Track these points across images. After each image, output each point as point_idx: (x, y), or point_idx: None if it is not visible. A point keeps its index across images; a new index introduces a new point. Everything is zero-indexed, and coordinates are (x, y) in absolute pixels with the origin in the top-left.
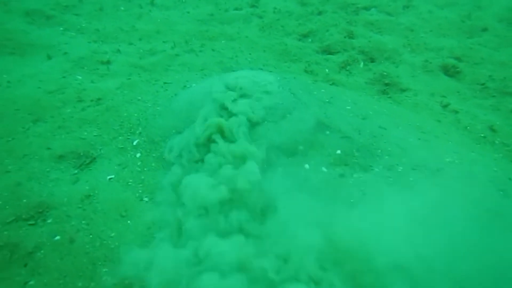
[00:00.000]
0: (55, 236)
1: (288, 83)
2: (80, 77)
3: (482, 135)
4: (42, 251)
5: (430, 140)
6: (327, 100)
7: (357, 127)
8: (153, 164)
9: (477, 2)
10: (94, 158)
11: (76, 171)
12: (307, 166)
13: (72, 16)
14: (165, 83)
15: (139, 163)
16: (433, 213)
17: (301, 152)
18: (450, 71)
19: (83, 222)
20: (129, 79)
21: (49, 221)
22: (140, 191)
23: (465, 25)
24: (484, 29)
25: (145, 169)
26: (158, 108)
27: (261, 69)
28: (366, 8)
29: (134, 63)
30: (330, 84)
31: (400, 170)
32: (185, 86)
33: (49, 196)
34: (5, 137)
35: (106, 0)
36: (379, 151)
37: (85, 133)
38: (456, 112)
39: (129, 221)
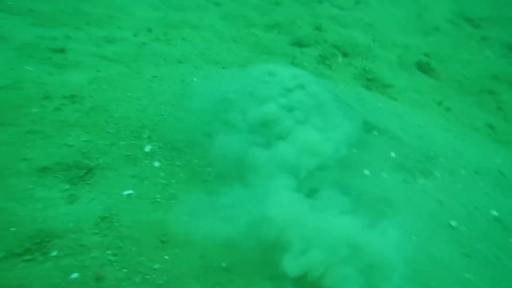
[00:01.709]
0: (71, 273)
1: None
2: (31, 69)
3: (487, 132)
4: None
5: (464, 140)
6: (357, 97)
7: (400, 126)
8: (181, 175)
9: (420, 2)
10: (91, 169)
11: (67, 187)
12: (366, 172)
13: None
14: (153, 76)
15: (161, 174)
16: None
17: (356, 156)
18: (424, 68)
19: (108, 252)
20: (99, 71)
21: (53, 254)
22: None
23: (419, 23)
24: (437, 28)
25: (172, 181)
26: (162, 106)
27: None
28: (319, 1)
29: (95, 52)
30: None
31: (463, 174)
32: (183, 81)
33: (45, 222)
34: None
35: None
36: (432, 152)
37: (70, 139)
38: (449, 109)
39: (175, 249)
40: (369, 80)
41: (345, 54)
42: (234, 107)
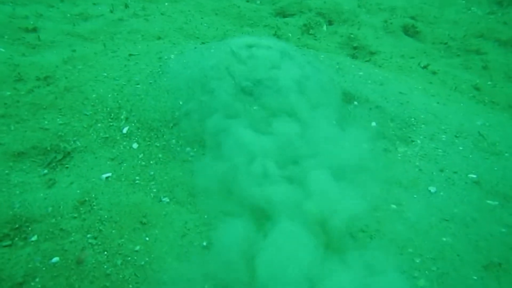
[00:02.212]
0: (51, 257)
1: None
2: (2, 49)
3: (472, 94)
4: (37, 279)
5: (446, 104)
6: (337, 67)
7: (381, 94)
8: (160, 156)
9: None
10: (69, 153)
11: (45, 171)
12: (347, 144)
13: None
14: (130, 55)
15: (140, 156)
16: None
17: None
18: (410, 31)
19: (88, 236)
20: (75, 51)
21: (33, 239)
22: (154, 190)
23: None
24: None
25: (151, 162)
26: (138, 86)
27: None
28: None
29: (69, 30)
30: (309, 50)
31: (444, 139)
32: (160, 58)
33: (23, 207)
34: None
35: None
36: (413, 119)
37: (45, 122)
38: (435, 73)
39: (155, 230)
40: (354, 48)
41: (330, 22)
42: (210, 84)
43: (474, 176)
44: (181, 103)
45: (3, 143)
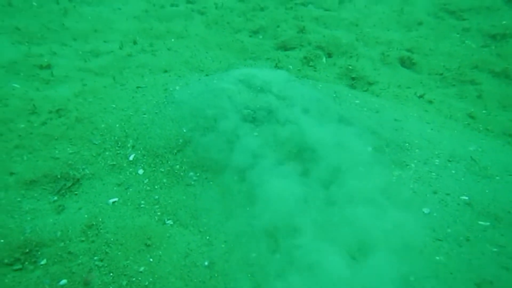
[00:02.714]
0: (60, 280)
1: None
2: (18, 86)
3: (466, 122)
4: None
5: (440, 131)
6: (335, 95)
7: (377, 121)
8: (164, 181)
9: None
10: (78, 180)
11: (55, 198)
12: (344, 167)
13: None
14: (137, 87)
15: (146, 181)
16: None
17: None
18: (406, 63)
19: (94, 258)
20: (86, 85)
21: (42, 262)
22: (158, 213)
23: (402, 19)
24: (420, 23)
25: (155, 187)
26: (145, 115)
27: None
28: (304, 4)
29: (81, 66)
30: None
31: (437, 163)
32: (166, 90)
33: (34, 232)
34: None
35: None
36: (407, 144)
37: (57, 152)
38: (431, 102)
39: (159, 251)
40: (353, 79)
41: (329, 55)
42: (212, 112)
43: (466, 197)
44: (185, 130)
45: (16, 172)
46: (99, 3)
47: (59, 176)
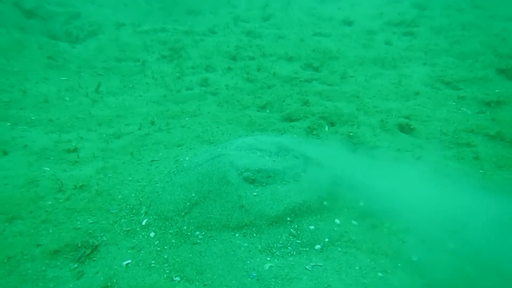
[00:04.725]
0: None
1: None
2: (48, 168)
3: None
4: None
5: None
6: (329, 155)
7: (370, 179)
8: (173, 241)
9: (400, 71)
10: (96, 247)
11: (76, 265)
12: (337, 221)
13: (18, 110)
14: (152, 161)
15: (156, 242)
16: None
17: (327, 208)
18: (405, 129)
19: None
20: (107, 162)
21: None
22: (167, 271)
23: (400, 90)
24: (417, 93)
25: (165, 247)
26: (157, 184)
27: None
28: (308, 81)
29: (104, 147)
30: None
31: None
32: (177, 161)
33: None
34: None
35: (50, 93)
36: (398, 201)
37: (78, 223)
38: (427, 163)
39: None
40: (354, 144)
41: (331, 124)
42: (216, 176)
43: (453, 245)
44: (193, 194)
45: (43, 244)
46: (123, 93)
47: (79, 245)
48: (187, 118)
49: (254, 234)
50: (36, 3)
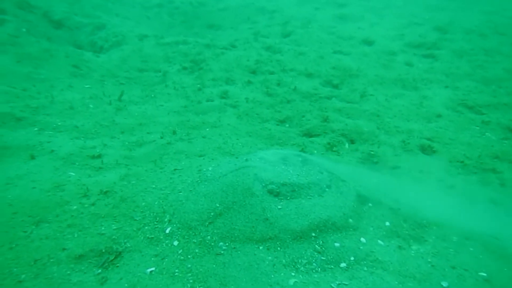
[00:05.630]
0: None
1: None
2: (73, 174)
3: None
4: None
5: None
6: (353, 174)
7: (395, 199)
8: (196, 251)
9: (421, 93)
10: (120, 253)
11: (99, 270)
12: (363, 239)
13: (45, 116)
14: (175, 169)
15: (180, 251)
16: None
17: (352, 226)
18: (427, 150)
19: None
20: (130, 169)
21: None
22: (191, 280)
23: (421, 111)
24: (439, 115)
25: (189, 256)
26: (181, 193)
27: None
28: (328, 98)
29: (127, 155)
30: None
31: (455, 240)
32: (200, 171)
33: None
34: (6, 244)
35: (74, 100)
36: (425, 221)
37: (103, 228)
38: (451, 186)
39: None
40: (375, 163)
41: (351, 141)
42: (240, 188)
43: (485, 274)
44: (217, 205)
45: (68, 248)
46: (145, 102)
47: (103, 250)
48: (207, 129)
49: (279, 248)
50: (64, 14)
